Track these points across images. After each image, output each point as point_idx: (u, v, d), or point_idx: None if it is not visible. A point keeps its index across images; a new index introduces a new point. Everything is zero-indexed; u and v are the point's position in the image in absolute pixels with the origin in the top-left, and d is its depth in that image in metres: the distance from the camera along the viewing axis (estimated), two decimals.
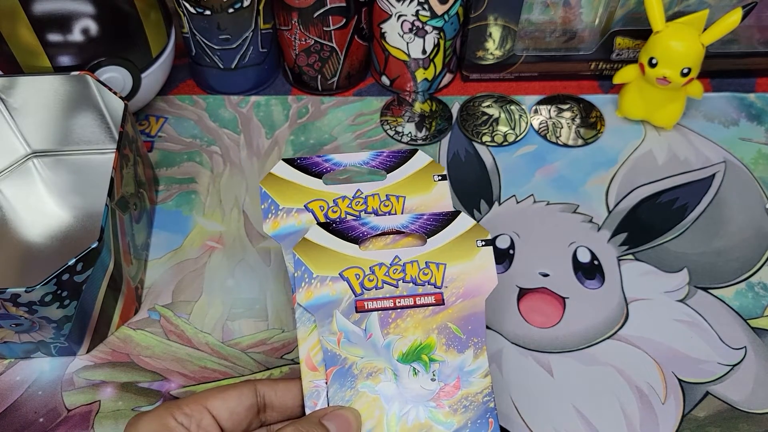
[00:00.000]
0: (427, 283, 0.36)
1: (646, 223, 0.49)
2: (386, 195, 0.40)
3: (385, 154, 0.41)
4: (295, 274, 0.36)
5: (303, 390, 0.35)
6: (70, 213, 0.49)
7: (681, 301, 0.46)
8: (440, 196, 0.40)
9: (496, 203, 0.51)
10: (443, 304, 0.36)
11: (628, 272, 0.47)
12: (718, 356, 0.43)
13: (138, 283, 0.45)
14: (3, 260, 0.46)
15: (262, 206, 0.39)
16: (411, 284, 0.36)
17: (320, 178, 0.40)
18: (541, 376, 0.42)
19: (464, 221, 0.37)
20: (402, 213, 0.39)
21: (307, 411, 0.34)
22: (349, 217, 0.39)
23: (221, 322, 0.45)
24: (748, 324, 0.45)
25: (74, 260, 0.37)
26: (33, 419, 0.41)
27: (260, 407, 0.34)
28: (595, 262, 0.47)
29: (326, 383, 0.35)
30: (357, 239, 0.37)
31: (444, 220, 0.37)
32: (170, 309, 0.45)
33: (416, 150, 0.41)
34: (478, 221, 0.45)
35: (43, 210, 0.49)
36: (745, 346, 0.44)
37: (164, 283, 0.47)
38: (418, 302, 0.36)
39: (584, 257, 0.48)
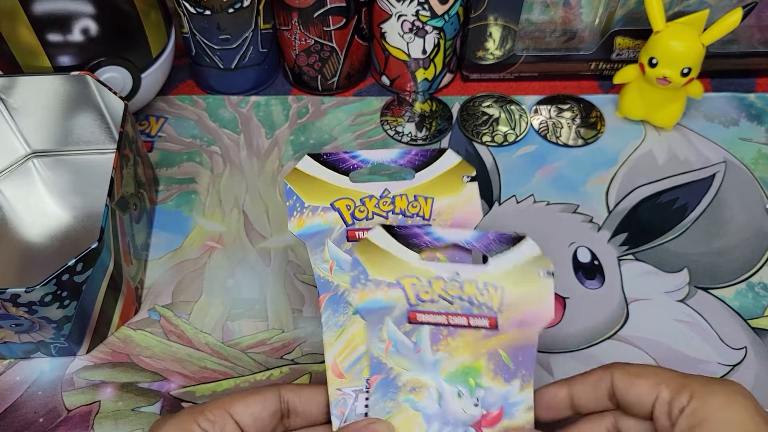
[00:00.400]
0: (483, 305, 0.35)
1: (647, 223, 0.49)
2: (414, 195, 0.38)
3: (413, 153, 0.39)
4: (351, 274, 0.35)
5: (329, 397, 0.34)
6: (70, 213, 0.49)
7: (681, 301, 0.46)
8: (468, 198, 0.39)
9: (496, 203, 0.51)
10: (497, 329, 0.35)
11: (629, 272, 0.47)
12: (719, 356, 0.43)
13: (138, 284, 0.45)
14: (3, 260, 0.46)
15: (287, 203, 0.38)
16: (467, 303, 0.35)
17: (347, 175, 0.39)
18: (541, 376, 0.42)
19: (531, 248, 0.36)
20: (430, 214, 0.38)
21: (333, 420, 0.34)
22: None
23: (221, 322, 0.45)
24: (748, 324, 0.45)
25: (74, 260, 0.37)
26: (33, 419, 0.41)
27: (284, 413, 0.34)
28: (596, 262, 0.47)
29: (367, 390, 0.34)
30: (419, 248, 0.36)
31: (510, 242, 0.36)
32: (170, 309, 0.45)
33: (445, 149, 0.40)
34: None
35: (43, 210, 0.49)
36: (745, 347, 0.44)
37: (164, 283, 0.47)
38: (471, 323, 0.35)
39: (584, 257, 0.48)
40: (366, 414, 0.34)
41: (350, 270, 0.36)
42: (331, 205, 0.38)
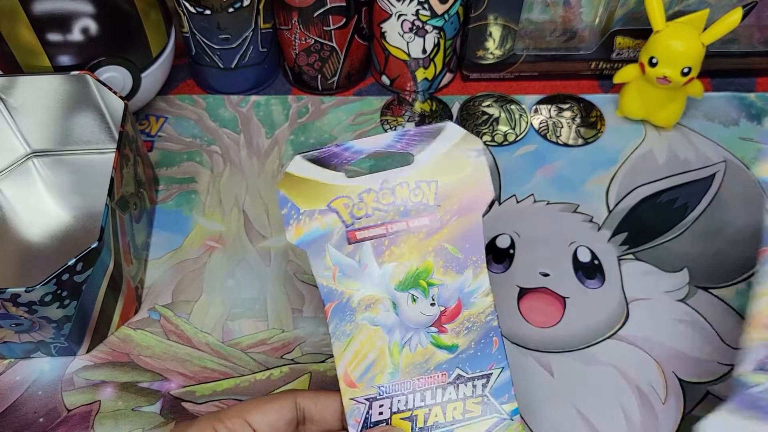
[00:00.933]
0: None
1: (647, 223, 0.49)
2: (416, 182, 0.35)
3: (411, 134, 0.36)
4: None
5: (344, 407, 0.34)
6: (70, 213, 0.49)
7: (681, 300, 0.46)
8: (477, 176, 0.35)
9: (497, 203, 0.51)
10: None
11: (629, 272, 0.47)
12: (719, 356, 0.43)
13: (138, 283, 0.45)
14: (3, 260, 0.46)
15: (282, 212, 0.35)
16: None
17: (342, 170, 0.36)
18: (541, 376, 0.42)
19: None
20: (435, 200, 0.36)
21: (350, 430, 0.34)
22: (377, 213, 0.36)
23: (221, 322, 0.45)
24: None
25: (74, 260, 0.37)
26: (33, 419, 0.41)
27: (299, 420, 0.34)
28: (596, 262, 0.47)
29: (380, 396, 0.34)
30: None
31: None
32: (170, 309, 0.45)
33: (446, 123, 0.36)
34: None
35: (43, 210, 0.49)
36: None
37: (164, 283, 0.47)
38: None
39: (584, 257, 0.48)
40: (387, 421, 0.34)
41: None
42: (327, 206, 0.35)
